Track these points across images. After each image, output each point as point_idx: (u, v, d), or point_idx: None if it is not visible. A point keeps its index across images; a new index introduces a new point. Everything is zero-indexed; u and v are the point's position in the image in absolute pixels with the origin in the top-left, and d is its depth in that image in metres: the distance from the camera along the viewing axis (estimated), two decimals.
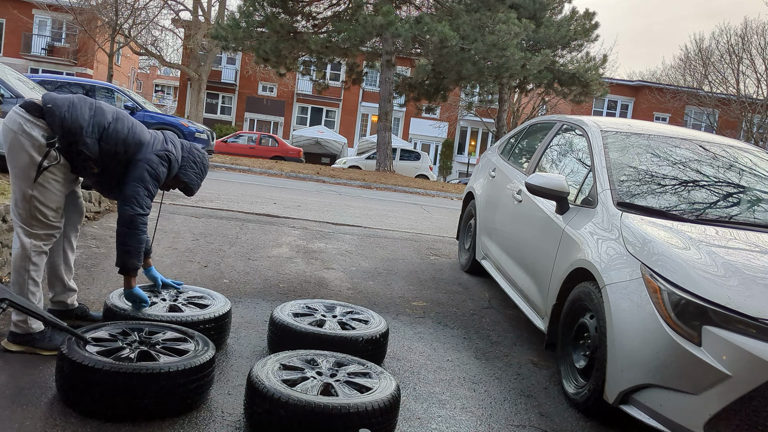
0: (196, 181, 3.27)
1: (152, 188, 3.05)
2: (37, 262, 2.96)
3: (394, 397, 2.51)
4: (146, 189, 3.02)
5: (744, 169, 3.91)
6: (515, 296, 4.27)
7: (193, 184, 3.27)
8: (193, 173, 3.25)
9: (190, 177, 3.24)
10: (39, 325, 2.94)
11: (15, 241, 2.96)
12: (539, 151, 4.72)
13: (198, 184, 3.29)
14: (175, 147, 3.19)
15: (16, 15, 32.05)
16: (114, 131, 3.00)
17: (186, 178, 3.23)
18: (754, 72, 29.29)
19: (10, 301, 2.49)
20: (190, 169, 3.24)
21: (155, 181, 3.06)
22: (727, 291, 2.58)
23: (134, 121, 3.14)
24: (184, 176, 3.22)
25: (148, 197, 3.04)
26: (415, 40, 18.33)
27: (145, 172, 3.01)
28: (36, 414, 2.44)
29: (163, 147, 3.12)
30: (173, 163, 3.14)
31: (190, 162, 3.24)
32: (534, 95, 29.59)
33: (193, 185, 3.27)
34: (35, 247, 2.94)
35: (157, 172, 3.05)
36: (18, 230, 2.96)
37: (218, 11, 27.78)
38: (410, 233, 7.51)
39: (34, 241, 2.94)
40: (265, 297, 4.29)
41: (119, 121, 3.04)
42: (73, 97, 3.01)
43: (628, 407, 2.76)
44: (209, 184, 10.81)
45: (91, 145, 2.94)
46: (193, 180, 3.25)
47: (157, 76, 59.31)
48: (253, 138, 26.56)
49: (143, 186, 3.01)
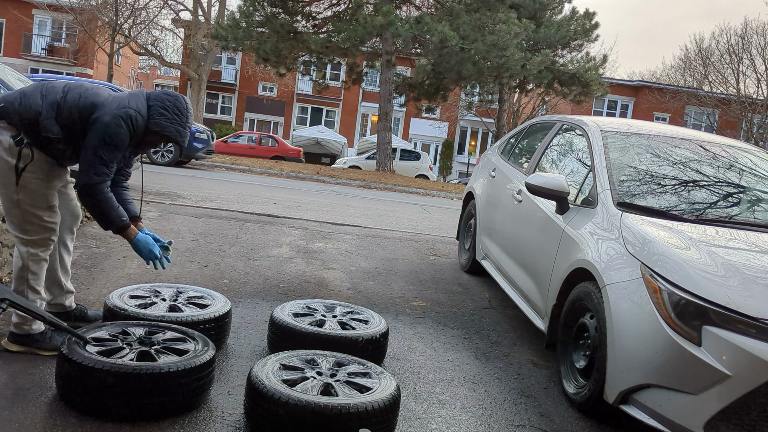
0: (173, 129, 2.93)
1: (107, 154, 2.79)
2: (36, 270, 2.92)
3: (394, 397, 2.51)
4: (99, 157, 2.78)
5: (744, 169, 3.91)
6: (515, 296, 4.27)
7: (171, 132, 2.92)
8: (165, 120, 2.90)
9: (164, 125, 2.91)
10: (39, 326, 2.93)
11: (15, 249, 2.95)
12: (539, 151, 4.72)
13: (179, 131, 2.95)
14: (137, 100, 2.89)
15: (16, 15, 32.04)
16: (66, 103, 2.81)
17: (160, 128, 2.90)
18: (754, 72, 29.31)
19: (11, 301, 2.49)
20: (161, 116, 2.90)
21: (112, 146, 2.79)
22: (727, 291, 2.58)
23: (90, 86, 2.92)
24: (157, 126, 2.90)
25: (103, 165, 2.79)
26: (415, 40, 18.35)
27: (97, 138, 2.77)
28: (36, 414, 2.44)
29: (120, 105, 2.83)
30: (135, 119, 2.83)
31: (159, 110, 2.90)
32: (534, 95, 29.58)
33: (172, 133, 2.93)
34: (32, 256, 2.89)
35: (112, 136, 2.77)
36: (15, 240, 2.93)
37: (218, 11, 27.80)
38: (410, 233, 7.51)
39: (31, 249, 2.89)
40: (265, 297, 4.29)
41: (70, 92, 2.85)
42: (26, 88, 2.87)
43: (628, 407, 2.76)
44: (209, 184, 10.81)
45: (51, 125, 2.78)
46: (168, 128, 2.91)
47: (157, 76, 59.31)
48: (253, 138, 26.57)
49: (95, 154, 2.77)
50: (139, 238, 3.00)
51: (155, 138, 2.98)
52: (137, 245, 3.01)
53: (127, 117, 2.81)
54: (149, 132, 2.92)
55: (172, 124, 2.92)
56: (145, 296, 3.36)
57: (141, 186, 3.78)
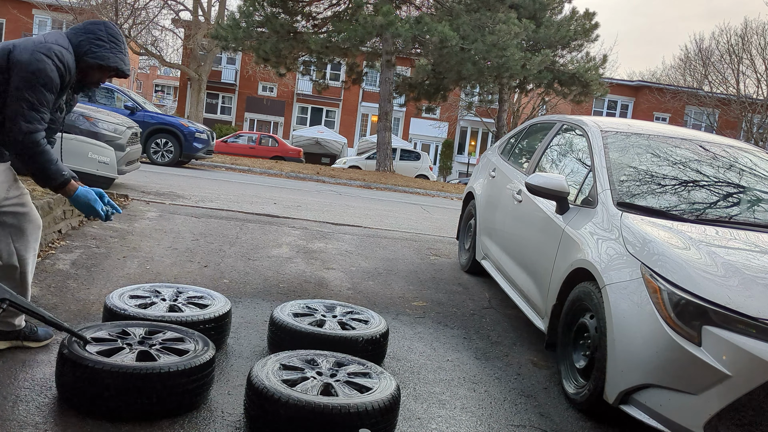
0: (115, 58, 2.68)
1: (34, 95, 2.49)
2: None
3: (394, 397, 2.51)
4: (26, 100, 2.47)
5: (744, 169, 3.91)
6: (515, 296, 4.27)
7: (115, 62, 2.68)
8: (104, 51, 2.64)
9: (106, 55, 2.65)
10: (21, 321, 2.92)
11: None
12: (539, 151, 4.72)
13: (120, 59, 2.69)
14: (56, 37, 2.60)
15: (16, 15, 32.04)
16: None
17: (102, 60, 2.64)
18: (754, 72, 29.30)
19: (10, 301, 2.49)
20: (99, 47, 2.63)
21: (39, 85, 2.48)
22: (727, 291, 2.58)
23: None
24: (99, 59, 2.64)
25: (32, 110, 2.49)
26: (415, 40, 18.34)
27: (19, 81, 2.46)
28: (36, 414, 2.44)
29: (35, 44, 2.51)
30: (60, 54, 2.53)
31: (94, 41, 2.63)
32: (534, 95, 29.59)
33: (117, 63, 2.68)
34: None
35: (35, 73, 2.47)
36: None
37: (218, 11, 27.79)
38: (410, 233, 7.51)
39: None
40: (265, 297, 4.29)
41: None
42: None
43: (628, 407, 2.76)
44: (209, 184, 10.82)
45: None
46: (111, 58, 2.66)
47: (157, 76, 59.32)
48: (253, 138, 26.58)
49: (20, 98, 2.47)
50: (79, 192, 2.68)
51: (97, 73, 2.72)
52: (77, 201, 2.70)
53: (49, 51, 2.50)
54: (89, 67, 2.67)
55: (113, 53, 2.67)
56: (144, 296, 3.36)
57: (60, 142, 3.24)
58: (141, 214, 6.40)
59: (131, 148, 8.09)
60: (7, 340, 2.91)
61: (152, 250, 5.04)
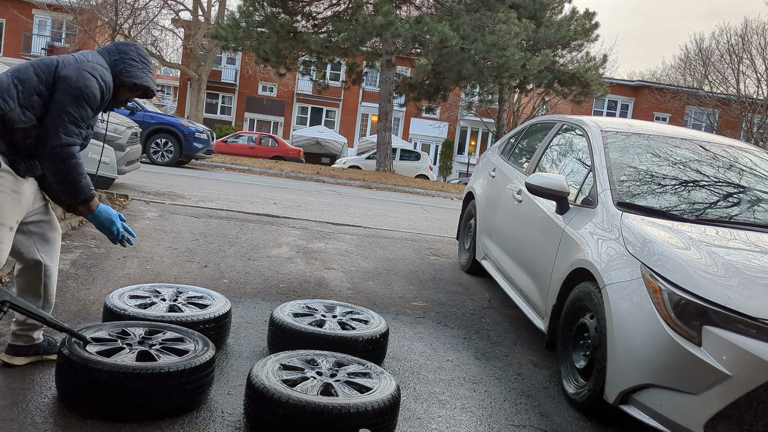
0: (147, 77, 2.79)
1: (77, 110, 2.56)
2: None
3: (394, 397, 2.51)
4: (69, 113, 2.54)
5: (744, 169, 3.91)
6: (515, 296, 4.27)
7: (145, 81, 2.78)
8: (138, 70, 2.75)
9: (140, 75, 2.76)
10: (39, 334, 2.87)
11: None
12: (539, 151, 4.71)
13: (151, 79, 2.81)
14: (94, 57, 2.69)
15: (16, 15, 32.04)
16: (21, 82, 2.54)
17: (137, 79, 2.75)
18: (754, 72, 29.30)
19: (11, 303, 2.49)
20: (132, 67, 2.73)
21: (82, 100, 2.56)
22: (727, 291, 2.58)
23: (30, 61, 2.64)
24: (134, 78, 2.74)
25: (73, 123, 2.55)
26: (415, 40, 18.35)
27: (63, 95, 2.53)
28: (36, 414, 2.44)
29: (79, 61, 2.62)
30: (102, 74, 2.63)
31: (127, 61, 2.73)
32: (534, 95, 29.58)
33: (146, 82, 2.79)
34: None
35: (81, 89, 2.55)
36: None
37: (218, 11, 27.78)
38: (410, 233, 7.51)
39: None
40: (265, 297, 4.29)
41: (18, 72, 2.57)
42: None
43: (628, 407, 2.76)
44: (209, 184, 10.82)
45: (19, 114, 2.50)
46: (143, 77, 2.77)
47: (157, 76, 59.29)
48: (253, 138, 26.58)
49: (63, 111, 2.53)
50: (101, 209, 2.71)
51: (127, 92, 2.81)
52: (98, 217, 2.72)
53: (93, 70, 2.60)
54: (123, 86, 2.76)
55: (144, 73, 2.78)
56: (144, 296, 3.36)
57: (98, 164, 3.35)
58: (141, 214, 6.40)
59: (131, 148, 8.09)
60: (26, 355, 2.85)
61: (152, 250, 5.04)
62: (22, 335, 2.83)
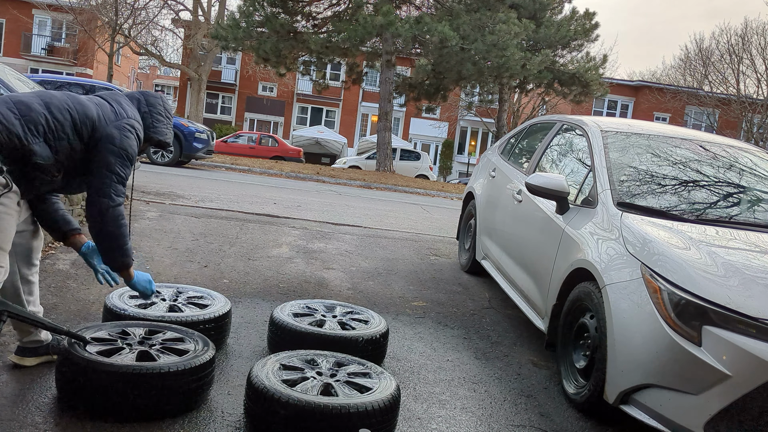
0: (170, 134, 2.86)
1: (122, 170, 2.60)
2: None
3: (394, 397, 2.51)
4: (117, 174, 2.58)
5: (744, 169, 3.91)
6: (515, 296, 4.27)
7: (168, 137, 2.84)
8: (163, 126, 2.81)
9: (164, 131, 2.81)
10: (47, 335, 2.87)
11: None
12: (539, 151, 4.72)
13: (171, 134, 2.88)
14: (129, 108, 2.71)
15: (16, 15, 32.04)
16: (56, 121, 2.48)
17: (159, 135, 2.80)
18: (754, 72, 29.30)
19: (9, 312, 2.49)
20: (159, 123, 2.79)
21: (126, 160, 2.60)
22: (727, 291, 2.58)
23: (66, 99, 2.58)
24: (159, 134, 2.80)
25: (120, 183, 2.60)
26: (415, 40, 18.35)
27: (108, 154, 2.55)
28: (36, 414, 2.44)
29: (116, 116, 2.63)
30: (138, 130, 2.68)
31: (156, 116, 2.79)
32: (534, 95, 29.58)
33: (168, 138, 2.84)
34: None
35: (122, 148, 2.58)
36: None
37: (218, 11, 27.79)
38: (410, 233, 7.51)
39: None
40: (265, 297, 4.29)
41: (53, 107, 2.51)
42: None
43: (628, 407, 2.76)
44: (209, 184, 10.82)
45: (41, 150, 2.44)
46: (167, 134, 2.83)
47: (157, 76, 59.31)
48: (253, 138, 26.57)
49: (111, 171, 2.56)
50: (136, 280, 2.79)
51: (147, 145, 2.86)
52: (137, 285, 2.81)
53: (131, 128, 2.65)
54: (149, 140, 2.82)
55: (167, 129, 2.85)
56: None
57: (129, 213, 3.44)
58: (141, 214, 6.40)
59: None
60: (36, 356, 2.85)
61: (152, 250, 5.04)
62: (28, 340, 2.83)
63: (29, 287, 2.77)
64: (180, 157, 13.65)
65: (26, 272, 2.75)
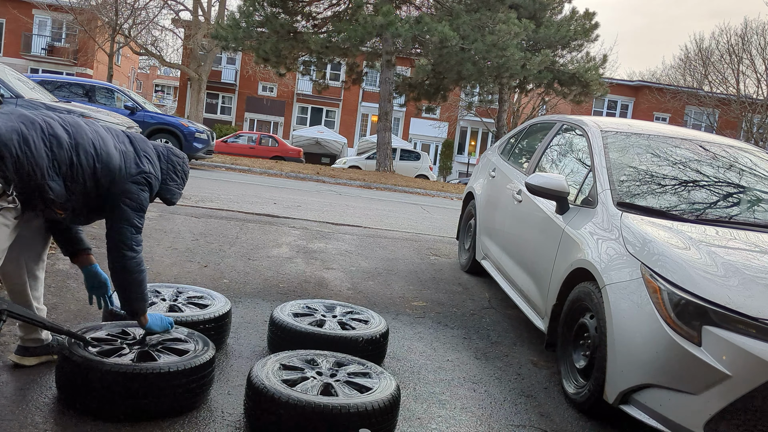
0: (178, 194, 2.88)
1: (139, 221, 2.65)
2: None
3: (394, 397, 2.51)
4: (133, 227, 2.62)
5: (744, 169, 3.91)
6: (515, 296, 4.27)
7: (175, 197, 2.87)
8: (174, 186, 2.84)
9: (172, 191, 2.84)
10: (48, 335, 2.88)
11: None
12: (539, 151, 4.72)
13: (179, 194, 2.90)
14: (152, 161, 2.75)
15: (16, 15, 32.04)
16: (79, 165, 2.48)
17: (168, 194, 2.84)
18: (754, 72, 29.29)
19: (9, 311, 2.49)
20: (171, 181, 2.83)
21: (140, 212, 2.66)
22: (727, 291, 2.58)
23: (94, 139, 2.57)
24: (168, 193, 2.83)
25: (137, 233, 2.65)
26: (415, 40, 18.34)
27: (127, 210, 2.61)
28: (36, 414, 2.44)
29: (138, 169, 2.66)
30: (153, 184, 2.73)
31: (171, 174, 2.83)
32: (534, 95, 29.58)
33: (175, 198, 2.87)
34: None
35: (140, 202, 2.64)
36: None
37: (218, 11, 27.78)
38: (410, 233, 7.50)
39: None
40: (265, 297, 4.29)
41: (80, 150, 2.49)
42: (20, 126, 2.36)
43: (628, 407, 2.76)
44: (209, 184, 10.82)
45: (57, 188, 2.43)
46: (175, 194, 2.86)
47: (157, 76, 59.32)
48: (253, 138, 26.57)
49: (128, 225, 2.61)
50: (151, 320, 2.75)
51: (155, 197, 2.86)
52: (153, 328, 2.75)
53: (146, 183, 2.68)
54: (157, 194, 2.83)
55: (179, 189, 2.86)
56: None
57: None
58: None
59: None
60: (36, 356, 2.86)
61: (152, 250, 5.04)
62: (29, 338, 2.84)
63: (35, 283, 2.79)
64: None
65: (33, 267, 2.77)
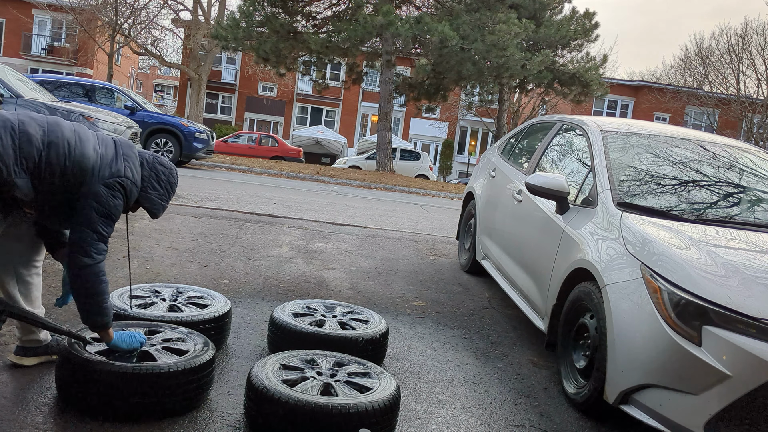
0: (160, 204, 2.68)
1: (103, 228, 2.47)
2: None
3: (394, 397, 2.51)
4: (96, 232, 2.45)
5: (744, 169, 3.91)
6: (515, 296, 4.27)
7: (156, 208, 2.67)
8: (156, 195, 2.65)
9: (153, 200, 2.65)
10: (46, 335, 2.88)
11: None
12: (539, 151, 4.71)
13: (162, 207, 2.70)
14: (132, 167, 2.57)
15: (16, 15, 32.05)
16: (48, 164, 2.38)
17: (148, 203, 2.65)
18: (754, 72, 29.29)
19: (9, 311, 2.48)
20: (153, 190, 2.64)
21: (106, 219, 2.47)
22: (727, 291, 2.58)
23: (70, 138, 2.47)
24: (147, 202, 2.65)
25: (102, 241, 2.47)
26: (415, 40, 18.33)
27: (93, 212, 2.44)
28: (36, 414, 2.44)
29: (112, 172, 2.50)
30: (130, 190, 2.55)
31: (153, 182, 2.65)
32: (534, 95, 29.59)
33: (156, 209, 2.68)
34: None
35: (108, 208, 2.46)
36: None
37: (218, 11, 27.78)
38: (410, 233, 7.50)
39: None
40: (265, 297, 4.29)
41: (52, 147, 2.39)
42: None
43: (628, 407, 2.76)
44: (209, 184, 10.82)
45: (23, 186, 2.34)
46: (156, 204, 2.66)
47: (157, 76, 59.31)
48: (253, 138, 26.58)
49: (91, 229, 2.44)
50: (117, 337, 2.60)
51: (137, 207, 2.72)
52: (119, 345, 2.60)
53: (120, 188, 2.51)
54: (137, 202, 2.67)
55: (161, 200, 2.68)
56: (144, 296, 3.36)
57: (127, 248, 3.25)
58: (141, 213, 6.40)
59: None
60: (35, 356, 2.85)
61: (152, 250, 5.04)
62: (28, 339, 2.83)
63: (26, 288, 2.74)
64: (180, 157, 13.65)
65: (24, 272, 2.73)
